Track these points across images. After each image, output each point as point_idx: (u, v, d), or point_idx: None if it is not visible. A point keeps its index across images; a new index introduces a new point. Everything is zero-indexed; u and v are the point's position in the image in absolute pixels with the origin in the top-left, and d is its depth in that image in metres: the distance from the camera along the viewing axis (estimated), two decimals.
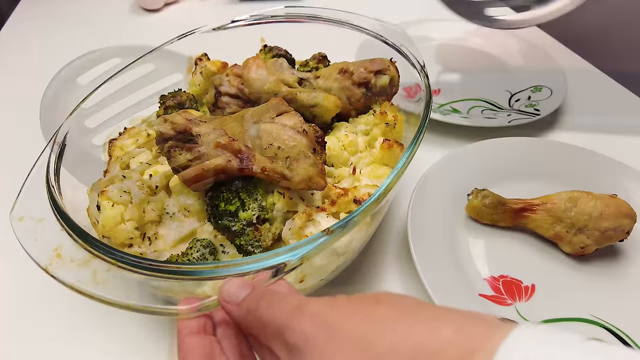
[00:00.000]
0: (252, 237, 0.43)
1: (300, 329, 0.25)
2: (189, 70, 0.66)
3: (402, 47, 0.59)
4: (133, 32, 1.04)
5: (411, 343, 0.22)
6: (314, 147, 0.47)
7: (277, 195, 0.45)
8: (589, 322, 0.49)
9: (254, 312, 0.29)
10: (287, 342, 0.26)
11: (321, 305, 0.26)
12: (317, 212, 0.45)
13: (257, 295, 0.30)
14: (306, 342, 0.25)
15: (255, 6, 1.11)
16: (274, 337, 0.27)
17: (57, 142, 0.48)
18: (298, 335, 0.25)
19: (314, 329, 0.25)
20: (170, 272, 0.35)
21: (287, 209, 0.46)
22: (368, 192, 0.47)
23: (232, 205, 0.43)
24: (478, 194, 0.57)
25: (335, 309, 0.26)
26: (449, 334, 0.22)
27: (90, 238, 0.38)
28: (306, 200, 0.47)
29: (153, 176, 0.50)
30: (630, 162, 0.64)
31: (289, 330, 0.26)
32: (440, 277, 0.50)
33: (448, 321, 0.23)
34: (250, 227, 0.43)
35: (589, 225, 0.53)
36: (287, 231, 0.44)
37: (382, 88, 0.57)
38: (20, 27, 1.07)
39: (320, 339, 0.25)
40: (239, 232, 0.43)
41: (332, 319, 0.25)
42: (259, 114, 0.49)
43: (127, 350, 0.48)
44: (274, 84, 0.55)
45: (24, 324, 0.51)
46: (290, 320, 0.26)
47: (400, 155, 0.51)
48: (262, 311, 0.28)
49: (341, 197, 0.46)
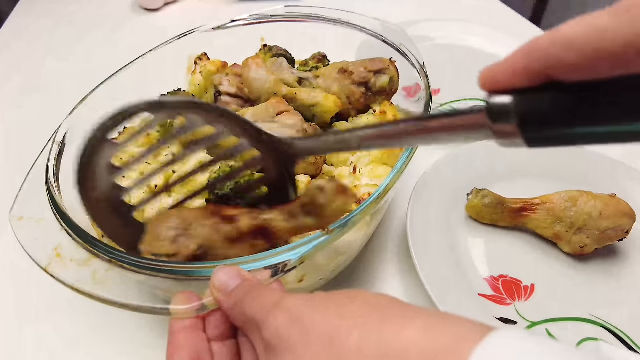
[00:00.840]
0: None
1: (275, 326, 0.26)
2: (189, 69, 0.66)
3: (402, 47, 0.59)
4: (133, 32, 1.04)
5: (377, 342, 0.22)
6: None
7: None
8: (588, 322, 0.49)
9: (240, 306, 0.29)
10: (263, 338, 0.26)
11: (297, 301, 0.26)
12: None
13: (245, 289, 0.30)
14: (279, 340, 0.25)
15: (255, 6, 1.11)
16: (253, 332, 0.28)
17: (57, 141, 0.48)
18: (272, 333, 0.26)
19: (287, 326, 0.25)
20: (170, 272, 0.35)
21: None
22: (368, 192, 0.47)
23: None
24: (478, 194, 0.57)
25: (310, 306, 0.26)
26: (414, 334, 0.21)
27: (90, 238, 0.38)
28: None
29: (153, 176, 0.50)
30: (630, 162, 0.64)
31: (265, 326, 0.26)
32: (439, 276, 0.50)
33: (417, 321, 0.22)
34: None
35: (588, 225, 0.53)
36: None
37: (381, 88, 0.57)
38: (20, 27, 1.07)
39: (293, 336, 0.25)
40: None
41: (306, 315, 0.25)
42: (258, 113, 0.49)
43: (127, 350, 0.48)
44: (274, 84, 0.55)
45: (24, 324, 0.51)
46: (267, 316, 0.26)
47: (400, 154, 0.51)
48: (246, 305, 0.28)
49: None
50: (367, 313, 0.24)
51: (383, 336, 0.22)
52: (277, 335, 0.25)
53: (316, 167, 0.48)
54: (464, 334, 0.20)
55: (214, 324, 0.32)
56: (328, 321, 0.24)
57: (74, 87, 0.63)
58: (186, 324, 0.31)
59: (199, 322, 0.32)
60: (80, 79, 0.87)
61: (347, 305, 0.25)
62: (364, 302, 0.25)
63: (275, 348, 0.25)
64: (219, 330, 0.31)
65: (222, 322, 0.32)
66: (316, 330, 0.24)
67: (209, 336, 0.31)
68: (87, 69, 0.91)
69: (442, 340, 0.20)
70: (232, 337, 0.32)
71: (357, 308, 0.24)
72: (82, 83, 0.62)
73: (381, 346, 0.22)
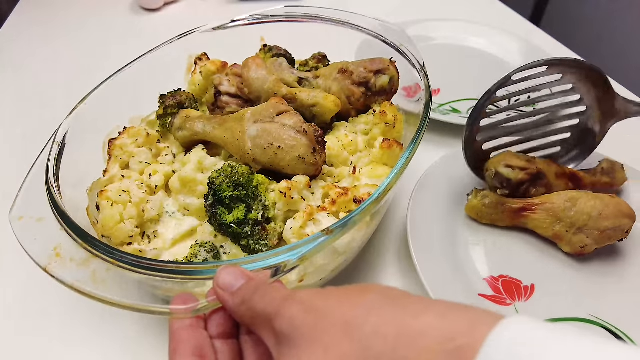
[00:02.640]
0: (258, 236, 0.44)
1: (289, 315, 0.26)
2: (189, 69, 0.66)
3: (402, 47, 0.59)
4: (133, 32, 1.04)
5: (395, 325, 0.22)
6: (314, 147, 0.47)
7: (278, 195, 0.45)
8: (588, 322, 0.49)
9: (248, 303, 0.29)
10: (275, 329, 0.26)
11: (310, 294, 0.27)
12: (318, 211, 0.45)
13: (253, 287, 0.30)
14: (294, 328, 0.25)
15: (255, 6, 1.11)
16: (263, 326, 0.28)
17: (57, 141, 0.48)
18: (286, 322, 0.26)
19: (302, 315, 0.25)
20: (170, 272, 0.35)
21: (288, 208, 0.46)
22: (368, 192, 0.47)
23: (239, 211, 0.44)
24: (477, 194, 0.57)
25: (323, 297, 0.26)
26: (432, 319, 0.22)
27: (90, 237, 0.38)
28: (306, 199, 0.47)
29: (152, 176, 0.50)
30: (630, 162, 0.64)
31: (278, 317, 0.26)
32: (439, 276, 0.50)
33: (433, 308, 0.23)
34: (258, 227, 0.44)
35: (588, 225, 0.53)
36: (288, 230, 0.44)
37: (381, 88, 0.57)
38: (20, 27, 1.07)
39: (308, 323, 0.25)
40: (246, 234, 0.44)
41: (320, 305, 0.25)
42: (258, 113, 0.49)
43: (126, 350, 0.48)
44: (274, 84, 0.55)
45: (23, 323, 0.51)
46: (280, 308, 0.26)
47: (400, 154, 0.51)
48: (255, 302, 0.28)
49: (341, 196, 0.46)
50: (382, 303, 0.24)
51: (401, 321, 0.22)
52: (291, 325, 0.25)
53: (316, 167, 0.48)
54: (479, 319, 0.21)
55: (217, 322, 0.32)
56: (343, 310, 0.24)
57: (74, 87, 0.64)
58: (187, 322, 0.31)
59: (200, 321, 0.32)
60: (80, 78, 0.87)
61: (361, 296, 0.25)
62: (377, 293, 0.25)
63: (289, 337, 0.25)
64: (221, 329, 0.32)
65: (225, 321, 0.32)
66: (332, 317, 0.24)
67: (210, 334, 0.31)
68: (87, 69, 0.91)
69: (459, 324, 0.21)
70: (233, 337, 0.32)
71: (372, 299, 0.25)
72: (82, 83, 0.62)
73: (400, 330, 0.22)
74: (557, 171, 0.58)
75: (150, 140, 0.55)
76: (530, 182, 0.56)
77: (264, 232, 0.44)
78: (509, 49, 0.92)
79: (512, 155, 0.58)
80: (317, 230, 0.43)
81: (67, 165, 0.47)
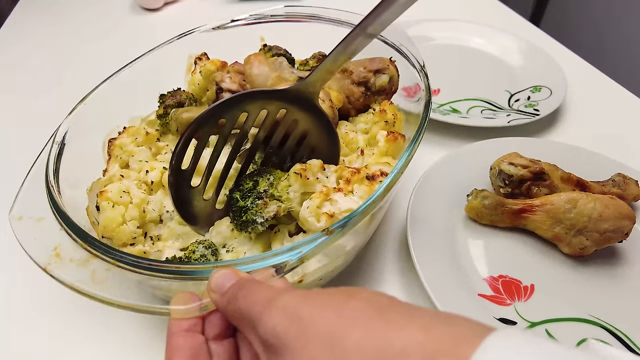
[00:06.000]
0: (257, 208, 0.44)
1: (272, 324, 0.25)
2: (189, 69, 0.66)
3: (402, 47, 0.59)
4: (133, 32, 1.04)
5: (378, 341, 0.22)
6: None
7: (293, 176, 0.45)
8: (587, 322, 0.49)
9: (234, 303, 0.29)
10: (260, 336, 0.26)
11: (294, 298, 0.26)
12: (334, 191, 0.45)
13: (237, 285, 0.30)
14: (277, 338, 0.25)
15: (255, 6, 1.11)
16: (249, 330, 0.27)
17: (57, 141, 0.48)
18: (270, 330, 0.25)
19: (285, 323, 0.25)
20: (170, 272, 0.35)
21: (304, 189, 0.46)
22: (380, 169, 0.47)
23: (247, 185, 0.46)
24: (477, 195, 0.57)
25: (307, 303, 0.25)
26: (415, 333, 0.21)
27: (90, 237, 0.38)
28: (322, 182, 0.47)
29: (150, 172, 0.50)
30: (630, 162, 0.64)
31: (261, 324, 0.26)
32: (439, 277, 0.50)
33: (418, 320, 0.22)
34: (260, 200, 0.44)
35: (588, 227, 0.52)
36: (305, 209, 0.44)
37: (381, 87, 0.57)
38: (20, 27, 1.07)
39: (291, 334, 0.24)
40: (247, 207, 0.44)
41: (304, 312, 0.25)
42: None
43: (126, 350, 0.48)
44: (276, 80, 0.55)
45: (23, 324, 0.51)
46: (262, 313, 0.26)
47: (404, 147, 0.51)
48: (240, 302, 0.28)
49: (354, 174, 0.46)
50: (367, 312, 0.24)
51: (383, 336, 0.22)
52: (274, 334, 0.25)
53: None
54: (464, 336, 0.21)
55: (212, 323, 0.32)
56: (327, 319, 0.24)
57: (74, 87, 0.63)
58: (184, 326, 0.31)
59: (198, 323, 0.32)
60: (80, 78, 0.87)
61: (346, 303, 0.25)
62: (363, 300, 0.25)
63: (274, 347, 0.25)
64: (217, 329, 0.31)
65: (221, 321, 0.32)
66: (315, 328, 0.24)
67: (207, 336, 0.31)
68: (87, 69, 0.91)
69: (442, 342, 0.21)
70: (230, 336, 0.32)
71: (356, 306, 0.24)
72: (81, 83, 0.62)
73: (381, 346, 0.22)
74: (563, 175, 0.58)
75: (149, 138, 0.55)
76: (532, 181, 0.57)
77: (264, 206, 0.44)
78: (509, 49, 0.92)
79: (517, 155, 0.58)
80: (333, 209, 0.43)
81: (67, 165, 0.47)
